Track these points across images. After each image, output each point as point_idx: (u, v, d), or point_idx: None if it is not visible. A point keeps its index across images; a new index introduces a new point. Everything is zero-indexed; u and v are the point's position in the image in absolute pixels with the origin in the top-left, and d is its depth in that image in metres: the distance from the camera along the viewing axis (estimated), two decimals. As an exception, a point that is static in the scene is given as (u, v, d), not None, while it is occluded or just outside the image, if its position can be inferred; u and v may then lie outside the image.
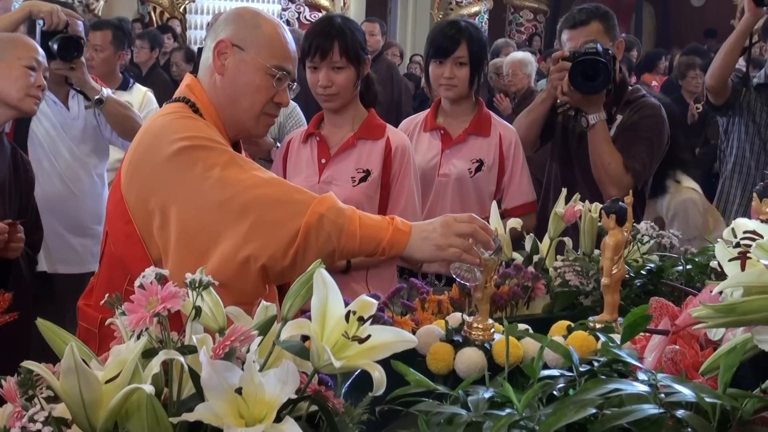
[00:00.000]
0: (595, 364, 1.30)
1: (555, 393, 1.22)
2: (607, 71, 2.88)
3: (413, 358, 1.63)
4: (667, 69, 9.98)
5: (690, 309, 1.25)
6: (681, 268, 2.17)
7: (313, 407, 1.17)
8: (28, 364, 1.07)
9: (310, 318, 1.16)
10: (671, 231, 2.37)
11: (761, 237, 1.17)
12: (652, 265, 2.20)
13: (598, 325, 1.70)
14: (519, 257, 2.28)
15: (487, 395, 1.20)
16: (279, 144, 3.42)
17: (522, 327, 1.71)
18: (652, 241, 2.33)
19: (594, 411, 1.04)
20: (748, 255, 1.17)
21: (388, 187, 2.63)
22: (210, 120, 1.96)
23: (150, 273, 1.15)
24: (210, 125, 1.95)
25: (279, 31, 2.01)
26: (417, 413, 1.20)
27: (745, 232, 1.20)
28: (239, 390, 1.04)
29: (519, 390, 1.17)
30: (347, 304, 1.17)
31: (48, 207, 3.24)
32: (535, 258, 2.26)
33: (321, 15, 10.50)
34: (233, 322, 1.23)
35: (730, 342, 1.14)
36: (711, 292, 1.26)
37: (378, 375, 1.14)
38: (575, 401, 1.07)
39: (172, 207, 1.82)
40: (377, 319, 1.51)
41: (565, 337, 1.66)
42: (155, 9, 10.52)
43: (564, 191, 2.32)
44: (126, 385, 1.04)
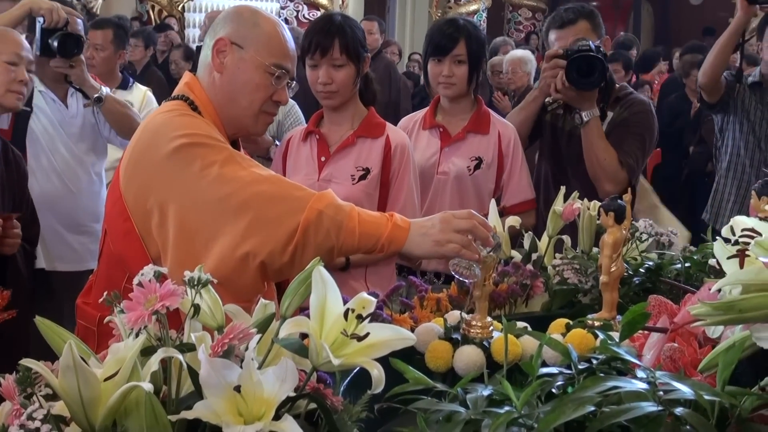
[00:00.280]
0: (594, 361, 1.30)
1: (554, 391, 1.22)
2: (603, 67, 2.90)
3: (412, 355, 1.63)
4: (668, 68, 9.96)
5: (688, 307, 1.25)
6: (679, 265, 2.18)
7: (312, 405, 1.17)
8: (26, 362, 1.07)
9: (308, 316, 1.16)
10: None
11: (760, 235, 1.17)
12: (650, 263, 2.20)
13: (596, 323, 1.70)
14: (518, 255, 2.28)
15: (486, 393, 1.20)
16: (278, 142, 3.42)
17: (521, 325, 1.71)
18: (650, 239, 2.33)
19: (593, 408, 1.04)
20: (746, 253, 1.17)
21: (387, 185, 2.63)
22: (209, 118, 1.96)
23: (149, 271, 1.15)
24: (209, 123, 1.94)
25: (278, 30, 2.01)
26: (416, 411, 1.20)
27: (744, 229, 1.20)
28: (238, 388, 1.04)
29: (518, 388, 1.17)
30: (346, 301, 1.17)
31: (46, 205, 3.23)
32: (534, 256, 2.26)
33: (319, 13, 10.51)
34: (232, 320, 1.23)
35: (728, 339, 1.14)
36: (710, 289, 1.26)
37: (377, 373, 1.14)
38: (574, 399, 1.07)
39: (170, 204, 1.82)
40: (376, 317, 1.52)
41: (564, 335, 1.66)
42: (153, 7, 10.51)
43: (563, 189, 2.32)
44: (124, 383, 1.04)
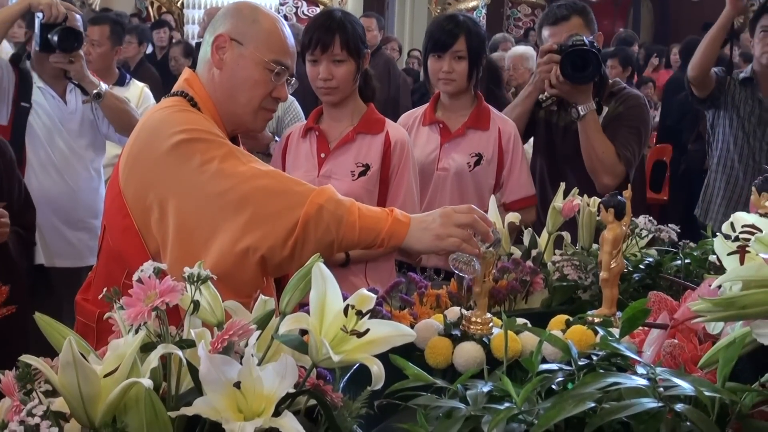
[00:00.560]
0: (594, 358, 1.30)
1: (554, 387, 1.22)
2: (597, 61, 2.91)
3: (412, 352, 1.63)
4: (664, 64, 9.95)
5: (689, 303, 1.26)
6: (679, 262, 2.18)
7: (312, 401, 1.17)
8: (26, 358, 1.07)
9: (308, 312, 1.16)
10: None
11: (760, 231, 1.17)
12: (650, 260, 2.20)
13: (596, 319, 1.70)
14: (517, 251, 2.28)
15: (486, 389, 1.20)
16: (277, 138, 3.41)
17: (520, 321, 1.71)
18: (650, 236, 2.33)
19: (593, 405, 1.04)
20: (747, 249, 1.17)
21: (387, 182, 2.63)
22: (208, 114, 1.96)
23: (148, 267, 1.15)
24: (208, 119, 1.94)
25: (278, 26, 2.01)
26: (415, 407, 1.20)
27: (744, 226, 1.20)
28: (238, 384, 1.04)
29: (517, 384, 1.17)
30: (346, 298, 1.17)
31: (45, 201, 3.23)
32: (534, 252, 2.26)
33: (319, 10, 10.50)
34: (231, 316, 1.23)
35: (728, 336, 1.14)
36: (710, 285, 1.26)
37: (376, 369, 1.14)
38: (574, 395, 1.06)
39: (170, 200, 1.82)
40: (376, 313, 1.51)
41: (564, 332, 1.66)
42: (152, 4, 10.51)
43: (562, 185, 2.32)
44: (124, 380, 1.04)
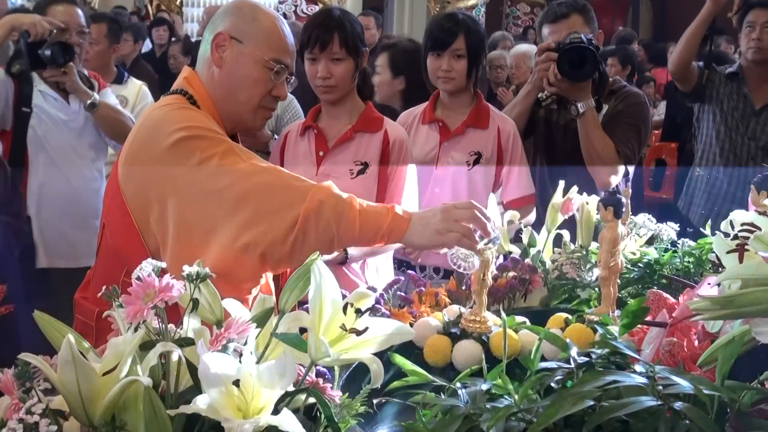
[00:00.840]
0: (593, 356, 1.30)
1: (552, 385, 1.22)
2: (594, 59, 2.91)
3: (411, 350, 1.63)
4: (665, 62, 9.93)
5: (687, 301, 1.26)
6: (678, 260, 2.18)
7: (311, 399, 1.17)
8: (25, 356, 1.07)
9: (307, 310, 1.16)
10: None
11: (759, 229, 1.17)
12: (649, 258, 2.20)
13: (595, 318, 1.70)
14: (516, 250, 2.28)
15: (485, 387, 1.20)
16: (277, 136, 3.41)
17: (519, 319, 1.71)
18: (649, 234, 2.33)
19: (592, 403, 1.04)
20: (746, 247, 1.17)
21: (385, 180, 2.63)
22: (207, 112, 1.96)
23: (147, 265, 1.15)
24: (207, 116, 1.94)
25: (277, 24, 2.01)
26: (414, 405, 1.20)
27: (743, 224, 1.20)
28: (237, 382, 1.04)
29: (516, 382, 1.17)
30: (345, 296, 1.17)
31: (47, 201, 3.24)
32: (533, 251, 2.26)
33: (318, 8, 10.49)
34: (230, 314, 1.23)
35: (727, 334, 1.14)
36: (709, 284, 1.26)
37: (375, 367, 1.14)
38: (573, 393, 1.07)
39: (170, 198, 1.82)
40: (374, 312, 1.52)
41: (563, 330, 1.66)
42: (152, 2, 10.49)
43: (561, 184, 2.32)
44: (123, 378, 1.04)
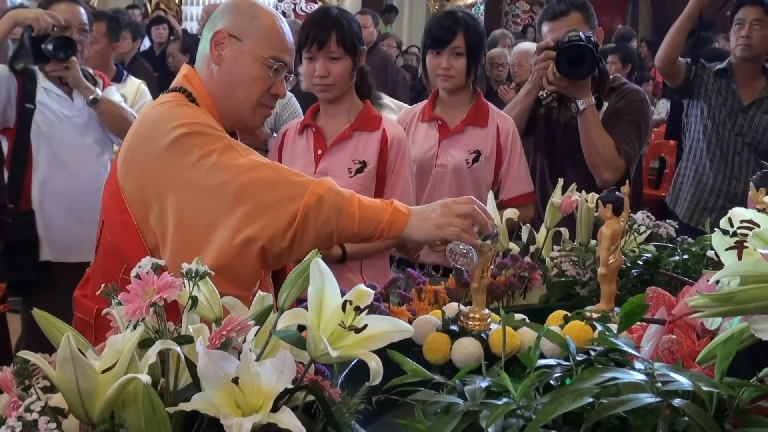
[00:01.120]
0: (592, 353, 1.30)
1: (552, 382, 1.22)
2: (592, 56, 2.91)
3: (410, 348, 1.63)
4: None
5: (687, 298, 1.25)
6: (677, 257, 2.18)
7: (310, 397, 1.17)
8: (24, 354, 1.07)
9: (306, 308, 1.16)
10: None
11: (758, 226, 1.17)
12: (648, 255, 2.20)
13: (594, 315, 1.70)
14: (515, 247, 2.28)
15: (484, 385, 1.20)
16: (275, 134, 3.41)
17: (519, 317, 1.71)
18: (648, 231, 2.33)
19: (591, 400, 1.04)
20: (745, 244, 1.17)
21: (383, 179, 2.63)
22: (206, 110, 1.96)
23: (146, 263, 1.15)
24: (207, 113, 1.94)
25: (276, 23, 2.01)
26: (414, 403, 1.20)
27: (742, 221, 1.20)
28: (236, 380, 1.04)
29: (516, 379, 1.17)
30: (344, 294, 1.17)
31: (51, 196, 3.24)
32: (532, 248, 2.26)
33: (317, 6, 10.50)
34: (229, 312, 1.23)
35: (726, 331, 1.14)
36: (708, 281, 1.26)
37: (375, 365, 1.14)
38: (572, 390, 1.06)
39: (169, 195, 1.82)
40: (374, 309, 1.52)
41: (562, 327, 1.66)
42: (151, 0, 10.49)
43: (561, 181, 2.32)
44: (122, 375, 1.04)
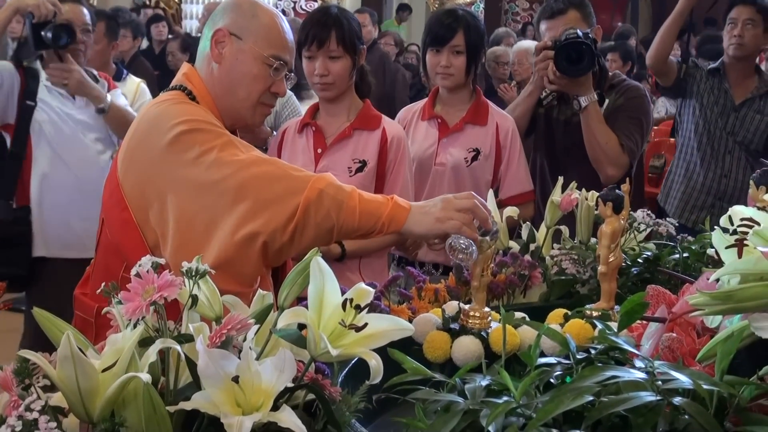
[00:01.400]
0: (592, 351, 1.30)
1: (552, 381, 1.22)
2: (591, 53, 2.91)
3: (410, 346, 1.63)
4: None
5: (687, 296, 1.25)
6: (678, 256, 2.18)
7: (310, 395, 1.17)
8: (24, 353, 1.07)
9: (306, 306, 1.16)
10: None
11: (758, 224, 1.16)
12: (648, 253, 2.20)
13: (595, 313, 1.70)
14: (515, 246, 2.28)
15: (484, 383, 1.20)
16: (275, 132, 3.41)
17: (519, 315, 1.71)
18: (648, 229, 2.33)
19: (591, 398, 1.04)
20: (745, 242, 1.17)
21: (383, 177, 2.64)
22: (206, 108, 1.96)
23: (146, 262, 1.15)
24: (207, 110, 1.94)
25: (277, 21, 2.01)
26: (414, 401, 1.20)
27: (742, 219, 1.20)
28: (236, 378, 1.04)
29: (516, 378, 1.17)
30: (344, 292, 1.17)
31: (51, 193, 3.24)
32: (532, 246, 2.26)
33: (317, 5, 10.50)
34: (230, 310, 1.23)
35: (727, 329, 1.14)
36: (708, 279, 1.26)
37: (375, 363, 1.14)
38: (572, 389, 1.06)
39: (170, 192, 1.82)
40: (374, 308, 1.52)
41: (562, 325, 1.66)
42: (150, -1, 10.50)
43: (560, 179, 2.32)
44: (123, 374, 1.04)
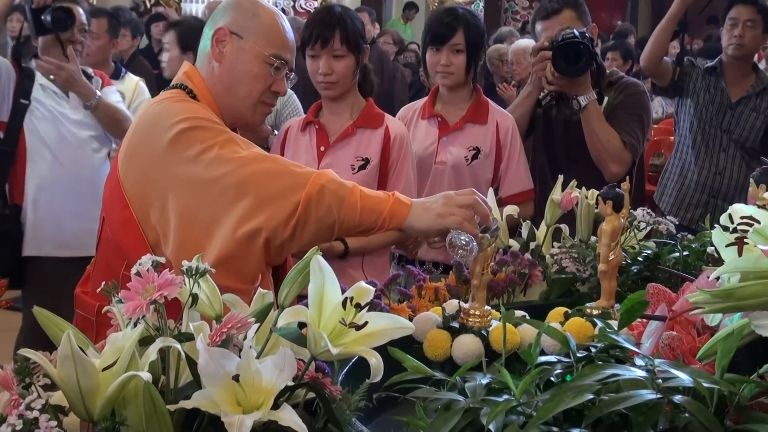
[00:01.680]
0: (593, 350, 1.30)
1: (552, 379, 1.22)
2: (589, 53, 2.91)
3: (410, 344, 1.63)
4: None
5: (687, 295, 1.26)
6: (678, 254, 2.18)
7: (311, 394, 1.17)
8: (24, 351, 1.07)
9: (307, 305, 1.16)
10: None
11: (758, 222, 1.17)
12: (648, 252, 2.20)
13: (595, 312, 1.70)
14: (515, 244, 2.28)
15: (485, 381, 1.20)
16: (276, 131, 3.42)
17: (519, 314, 1.71)
18: (648, 228, 2.33)
19: (591, 397, 1.04)
20: (745, 240, 1.17)
21: (386, 175, 2.64)
22: (207, 107, 1.96)
23: (147, 260, 1.14)
24: (207, 108, 1.94)
25: (277, 20, 2.01)
26: (414, 400, 1.20)
27: (743, 217, 1.20)
28: (236, 377, 1.04)
29: (516, 376, 1.17)
30: (344, 290, 1.17)
31: (45, 191, 3.25)
32: (532, 245, 2.26)
33: (316, 4, 10.50)
34: (230, 309, 1.23)
35: (727, 327, 1.14)
36: (708, 277, 1.26)
37: (375, 362, 1.14)
38: (572, 387, 1.06)
39: (171, 190, 1.82)
40: (374, 306, 1.52)
41: (563, 324, 1.66)
42: (150, -3, 10.50)
43: (560, 178, 2.32)
44: (123, 373, 1.04)
